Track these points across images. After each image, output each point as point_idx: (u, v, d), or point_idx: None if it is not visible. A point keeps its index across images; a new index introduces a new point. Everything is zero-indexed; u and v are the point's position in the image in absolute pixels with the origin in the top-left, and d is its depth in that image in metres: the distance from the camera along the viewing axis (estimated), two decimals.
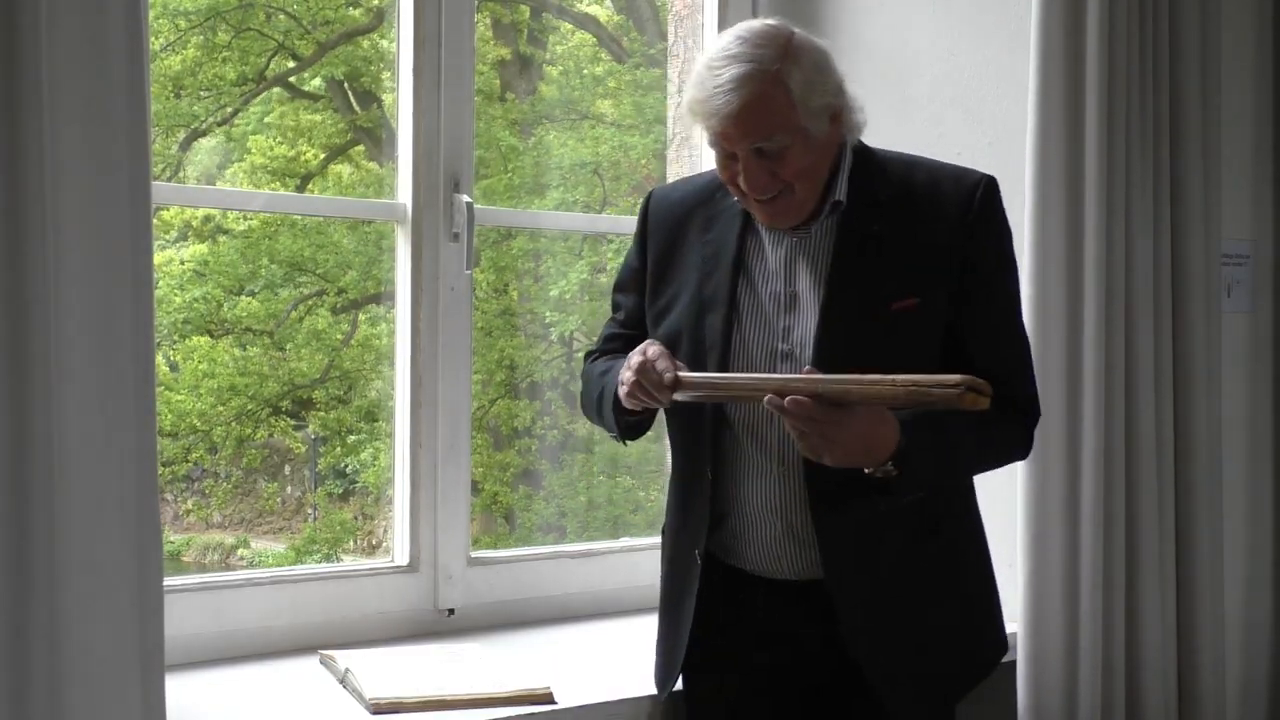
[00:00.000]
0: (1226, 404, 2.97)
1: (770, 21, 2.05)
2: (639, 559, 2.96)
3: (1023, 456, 2.24)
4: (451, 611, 2.68)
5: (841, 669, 2.13)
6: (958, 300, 2.07)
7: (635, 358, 2.05)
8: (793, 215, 2.07)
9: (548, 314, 6.08)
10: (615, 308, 2.34)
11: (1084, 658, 2.63)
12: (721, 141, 2.01)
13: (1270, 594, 3.31)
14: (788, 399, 1.88)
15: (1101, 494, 2.64)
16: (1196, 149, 2.81)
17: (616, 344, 2.29)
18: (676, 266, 2.19)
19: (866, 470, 1.96)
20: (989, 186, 2.11)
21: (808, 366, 1.98)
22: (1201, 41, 2.81)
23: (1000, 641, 2.29)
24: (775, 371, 2.08)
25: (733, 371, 2.10)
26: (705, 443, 2.15)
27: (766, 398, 1.90)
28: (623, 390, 2.07)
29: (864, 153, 2.13)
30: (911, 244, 2.06)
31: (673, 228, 2.21)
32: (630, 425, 2.19)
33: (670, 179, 3.25)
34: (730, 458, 2.14)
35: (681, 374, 2.02)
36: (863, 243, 2.07)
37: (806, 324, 2.08)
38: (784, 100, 1.97)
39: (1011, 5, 2.88)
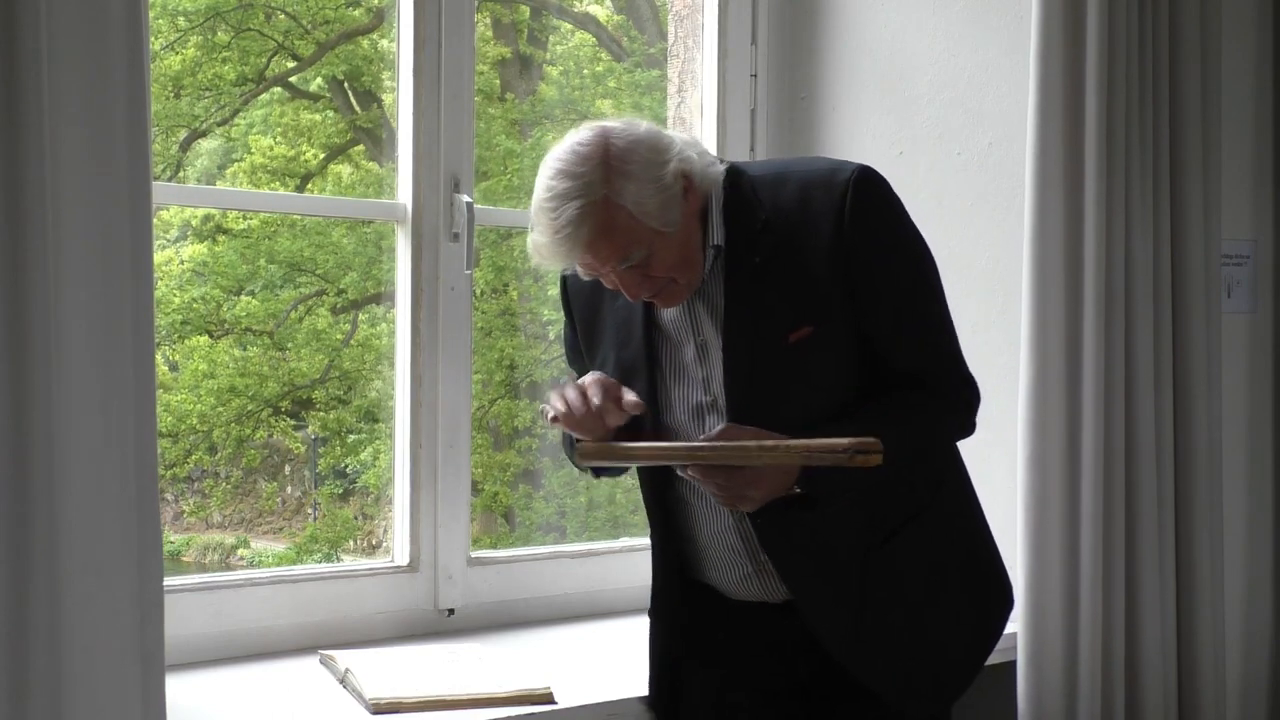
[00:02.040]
0: (1226, 404, 2.97)
1: (582, 138, 1.97)
2: (639, 559, 2.96)
3: (965, 437, 2.18)
4: (451, 611, 2.69)
5: (832, 672, 2.13)
6: (859, 308, 2.02)
7: (585, 381, 2.02)
8: (682, 298, 2.04)
9: (546, 313, 6.08)
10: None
11: (1084, 657, 2.63)
12: (586, 271, 2.00)
13: (1270, 594, 3.31)
14: (690, 469, 1.93)
15: (1101, 494, 2.64)
16: (1196, 149, 2.81)
17: None
18: (599, 334, 2.19)
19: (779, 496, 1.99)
20: (858, 184, 2.00)
21: (723, 425, 1.97)
22: (1201, 41, 2.81)
23: (1005, 598, 2.26)
24: (704, 423, 2.08)
25: (666, 430, 2.10)
26: (656, 509, 2.17)
27: (679, 468, 1.96)
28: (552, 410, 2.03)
29: (734, 180, 2.05)
30: (796, 267, 2.01)
31: (589, 297, 2.18)
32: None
33: None
34: (684, 514, 2.15)
35: (582, 444, 1.99)
36: (749, 278, 2.03)
37: (719, 372, 2.07)
38: (624, 219, 1.92)
39: (1011, 6, 2.88)
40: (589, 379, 2.03)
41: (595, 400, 1.97)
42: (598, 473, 2.24)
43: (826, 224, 1.99)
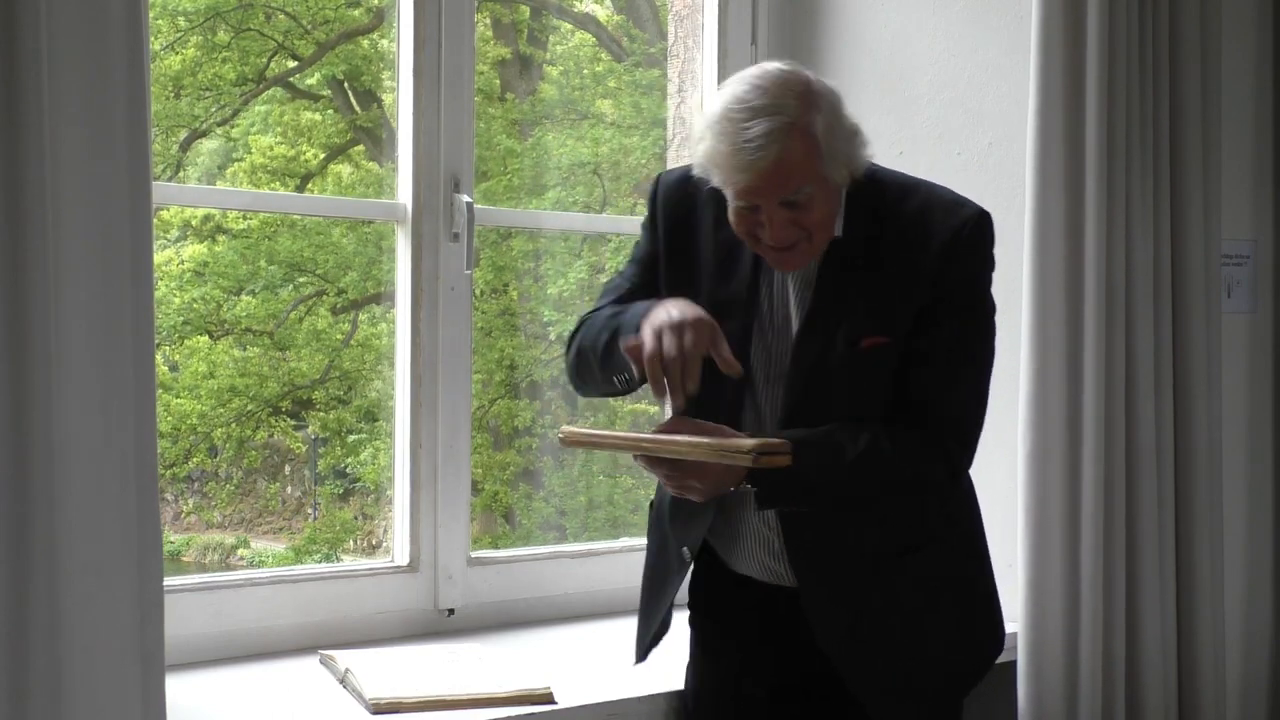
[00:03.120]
0: (1226, 404, 2.97)
1: (784, 66, 1.98)
2: (639, 559, 2.96)
3: (930, 492, 2.15)
4: (451, 611, 2.69)
5: (831, 673, 2.14)
6: (916, 326, 2.04)
7: (686, 319, 1.91)
8: (805, 262, 2.03)
9: (546, 313, 6.08)
10: (624, 277, 2.22)
11: (1084, 657, 2.63)
12: (747, 196, 1.95)
13: (1270, 594, 3.31)
14: (637, 459, 1.99)
15: (1102, 494, 2.64)
16: (1196, 149, 2.81)
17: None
18: (688, 257, 2.14)
19: (731, 489, 2.01)
20: (978, 222, 2.05)
21: (670, 418, 1.96)
22: (1201, 41, 2.81)
23: (996, 641, 2.27)
24: (773, 387, 2.09)
25: (754, 377, 2.10)
26: None
27: (634, 458, 2.02)
28: (636, 343, 1.94)
29: (867, 175, 2.06)
30: (893, 279, 2.03)
31: (684, 215, 2.14)
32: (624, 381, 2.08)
33: None
34: None
35: (567, 431, 2.01)
36: (844, 273, 2.04)
37: (789, 349, 2.07)
38: (811, 150, 1.92)
39: (1011, 6, 2.88)
40: (692, 314, 1.93)
41: (689, 346, 1.90)
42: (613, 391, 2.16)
43: (935, 246, 2.02)
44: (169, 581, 2.17)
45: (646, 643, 2.24)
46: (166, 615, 1.80)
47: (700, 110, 2.02)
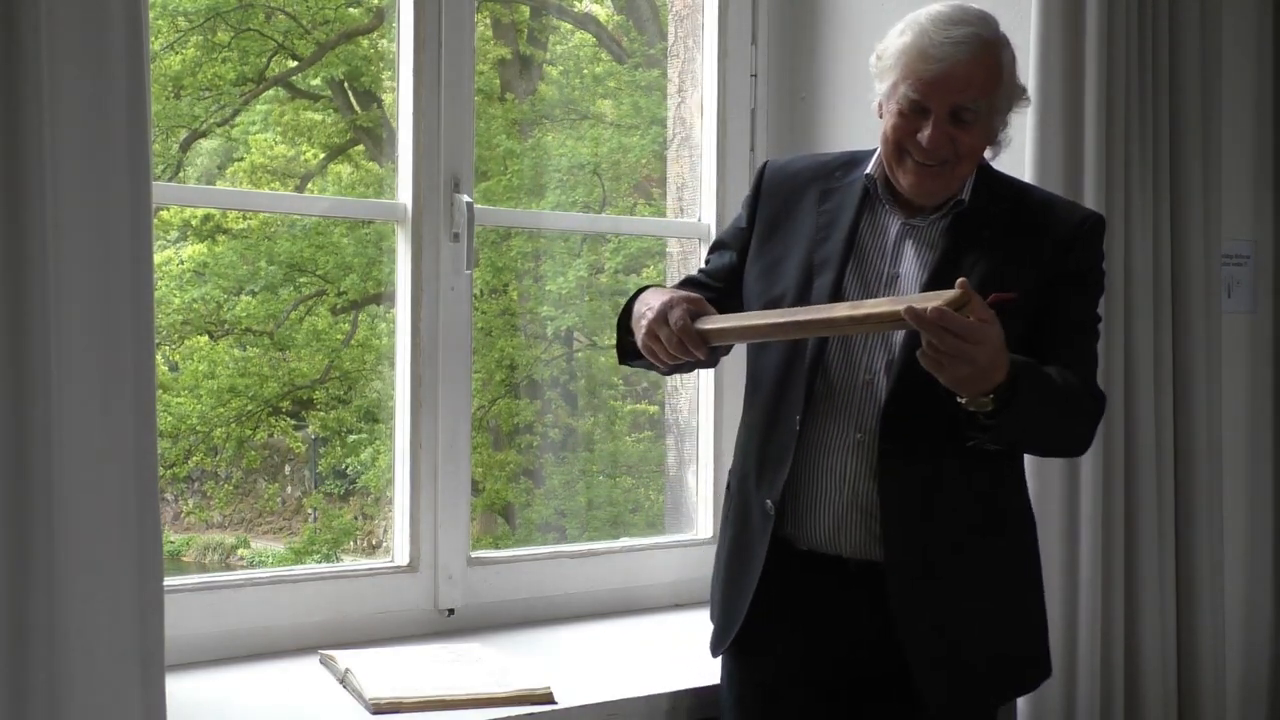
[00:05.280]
0: (1226, 404, 2.97)
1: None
2: (639, 559, 2.97)
3: (1080, 447, 2.21)
4: (451, 611, 2.69)
5: (886, 665, 2.12)
6: (1039, 308, 2.11)
7: (661, 330, 2.06)
8: (941, 190, 2.12)
9: (546, 313, 6.08)
10: (705, 263, 2.38)
11: (1083, 657, 2.63)
12: (929, 92, 2.05)
13: (1270, 594, 3.31)
14: (930, 310, 1.85)
15: (1101, 494, 2.64)
16: (1196, 149, 2.81)
17: (688, 288, 2.28)
18: (786, 232, 2.23)
19: (963, 400, 1.95)
20: (1098, 222, 2.20)
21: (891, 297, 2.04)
22: (1201, 41, 2.81)
23: (1043, 662, 2.26)
24: (866, 347, 2.11)
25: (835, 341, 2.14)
26: (798, 390, 2.13)
27: (904, 307, 1.86)
28: (643, 339, 2.10)
29: (985, 168, 2.21)
30: (1015, 252, 2.12)
31: (786, 196, 2.25)
32: (629, 350, 2.21)
33: (670, 179, 3.25)
34: (817, 415, 2.13)
35: (701, 326, 2.05)
36: (970, 244, 2.12)
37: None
38: (997, 73, 2.08)
39: (1011, 6, 2.87)
40: (663, 301, 2.06)
41: (676, 324, 2.03)
42: (624, 361, 2.27)
43: (1060, 232, 2.14)
44: (169, 581, 2.17)
45: (732, 633, 2.20)
46: (166, 615, 1.80)
47: (698, 111, 2.05)
